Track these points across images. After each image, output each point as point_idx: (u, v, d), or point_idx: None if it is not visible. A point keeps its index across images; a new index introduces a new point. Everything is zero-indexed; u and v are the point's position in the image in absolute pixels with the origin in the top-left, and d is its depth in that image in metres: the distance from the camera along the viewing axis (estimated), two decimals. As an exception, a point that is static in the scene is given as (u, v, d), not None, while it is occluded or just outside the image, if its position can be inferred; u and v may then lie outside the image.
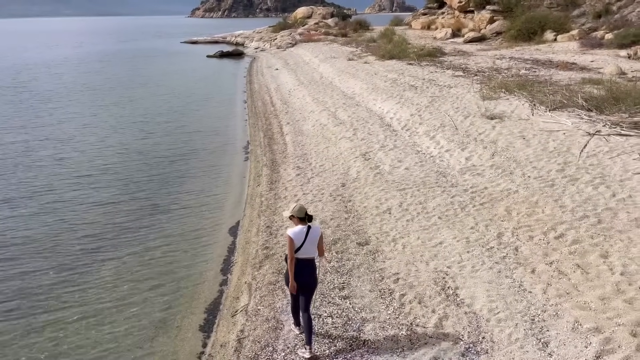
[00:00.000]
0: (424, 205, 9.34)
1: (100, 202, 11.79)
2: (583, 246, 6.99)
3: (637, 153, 9.96)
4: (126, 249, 9.46)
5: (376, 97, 18.82)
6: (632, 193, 8.39)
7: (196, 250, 9.44)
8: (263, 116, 20.11)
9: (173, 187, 12.83)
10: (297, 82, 26.17)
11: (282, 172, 12.87)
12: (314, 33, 53.50)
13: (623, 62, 20.48)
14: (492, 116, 13.91)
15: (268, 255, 8.43)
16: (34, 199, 11.97)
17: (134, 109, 22.85)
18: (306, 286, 5.67)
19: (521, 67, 21.83)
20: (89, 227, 10.46)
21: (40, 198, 12.04)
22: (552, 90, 15.62)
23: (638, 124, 11.76)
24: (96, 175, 13.70)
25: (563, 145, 11.12)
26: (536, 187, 9.24)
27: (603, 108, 13.31)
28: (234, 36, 68.68)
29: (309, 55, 36.02)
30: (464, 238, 7.84)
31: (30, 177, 13.54)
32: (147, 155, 15.52)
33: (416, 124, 14.63)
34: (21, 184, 13.02)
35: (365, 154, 12.96)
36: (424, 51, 28.52)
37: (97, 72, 37.16)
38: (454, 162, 11.38)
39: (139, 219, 10.81)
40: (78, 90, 28.20)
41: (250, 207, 11.09)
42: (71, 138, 17.53)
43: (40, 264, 8.94)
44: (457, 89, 18.29)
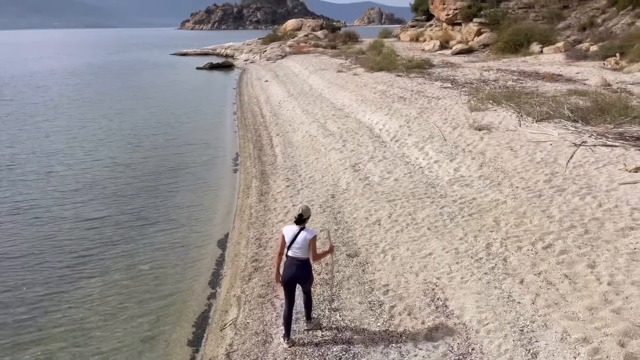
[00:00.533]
0: (413, 216, 9.36)
1: (87, 216, 11.66)
2: (571, 256, 7.04)
3: (623, 163, 10.08)
4: (113, 264, 9.35)
5: (365, 109, 18.92)
6: (618, 203, 8.47)
7: (184, 263, 9.37)
8: (253, 128, 20.12)
9: (161, 200, 12.75)
10: (287, 93, 26.25)
11: (272, 183, 12.85)
12: (304, 45, 53.81)
13: (608, 74, 20.80)
14: (480, 127, 14.03)
15: (257, 267, 8.38)
16: (19, 214, 11.81)
17: (122, 122, 22.73)
18: (291, 280, 5.98)
19: (508, 79, 22.10)
20: (75, 242, 10.34)
21: (26, 213, 11.87)
22: (539, 102, 15.81)
23: (623, 135, 11.92)
24: (83, 189, 13.55)
25: (550, 155, 11.23)
26: (524, 198, 9.31)
27: (589, 119, 13.50)
28: (223, 48, 68.79)
29: (299, 67, 36.18)
30: (453, 249, 7.86)
31: (15, 192, 13.36)
32: (135, 169, 15.42)
33: (405, 135, 14.71)
34: (6, 198, 12.85)
35: (355, 165, 12.99)
36: (412, 63, 28.82)
37: (85, 84, 36.94)
38: (442, 173, 11.44)
39: (126, 233, 10.72)
40: (65, 103, 28.00)
41: (239, 219, 11.05)
42: (58, 152, 17.34)
43: (26, 280, 8.81)
44: (446, 100, 18.45)
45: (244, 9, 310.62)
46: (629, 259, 6.72)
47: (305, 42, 56.70)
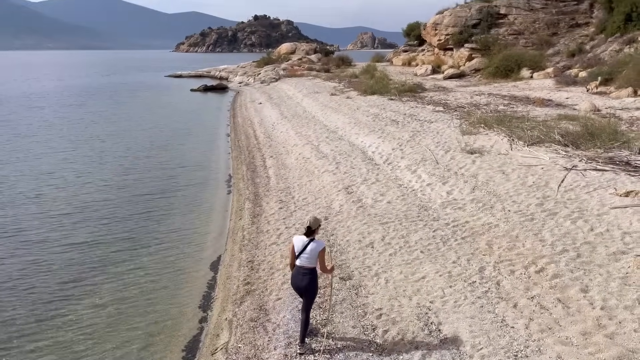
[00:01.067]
0: (407, 239, 9.35)
1: (76, 239, 11.54)
2: (563, 280, 7.04)
3: (613, 188, 10.18)
4: (103, 287, 9.24)
5: (358, 132, 19.05)
6: (609, 227, 8.53)
7: (176, 286, 9.27)
8: (246, 149, 20.16)
9: (153, 222, 12.67)
10: (281, 116, 26.40)
11: (265, 205, 12.82)
12: (298, 68, 54.36)
13: (597, 99, 21.13)
14: (472, 151, 14.15)
15: (249, 291, 8.31)
16: (6, 237, 11.64)
17: (115, 143, 22.68)
18: (297, 289, 6.27)
19: (499, 103, 22.38)
20: (64, 265, 10.22)
21: (14, 236, 11.69)
22: (530, 126, 15.98)
23: (613, 159, 12.06)
24: (74, 212, 13.38)
25: (541, 179, 11.32)
26: (516, 221, 9.34)
27: (579, 143, 13.66)
28: (218, 70, 69.32)
29: (293, 90, 36.48)
30: (447, 272, 7.84)
31: (2, 214, 13.19)
32: (127, 191, 15.33)
33: (398, 158, 14.79)
34: (-4, 219, 12.72)
35: (348, 187, 13.01)
36: (405, 87, 29.14)
37: (78, 105, 36.94)
38: (435, 196, 11.48)
39: (116, 256, 10.61)
40: (58, 124, 27.96)
41: (231, 242, 10.98)
42: (49, 173, 17.20)
43: (13, 304, 8.66)
44: (438, 124, 18.63)
45: (239, 32, 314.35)
46: (621, 284, 6.73)
47: (299, 66, 57.29)
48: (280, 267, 8.99)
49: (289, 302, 7.65)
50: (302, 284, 6.13)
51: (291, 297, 7.75)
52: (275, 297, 7.93)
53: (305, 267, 6.09)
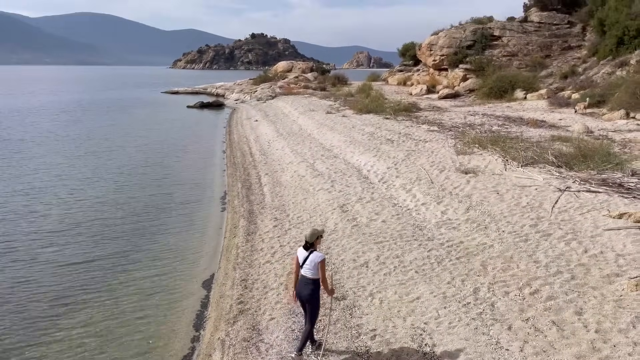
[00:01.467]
0: (401, 259, 9.33)
1: (69, 256, 11.45)
2: (558, 302, 7.03)
3: (607, 209, 10.23)
4: (95, 305, 9.14)
5: (354, 150, 19.12)
6: (603, 249, 8.54)
7: (168, 304, 9.18)
8: (242, 167, 20.16)
9: (147, 239, 12.59)
10: (277, 133, 26.48)
11: (259, 223, 12.79)
12: (294, 86, 54.69)
13: (589, 121, 21.35)
14: (466, 171, 14.22)
15: (243, 310, 8.24)
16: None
17: (110, 160, 22.60)
18: (300, 298, 6.50)
19: (493, 124, 22.56)
20: (56, 281, 10.12)
21: (4, 255, 11.54)
22: (524, 147, 16.11)
23: (606, 181, 12.14)
24: (66, 228, 13.25)
25: (535, 200, 11.37)
26: (510, 242, 9.35)
27: (572, 165, 13.77)
28: (214, 87, 69.58)
29: (289, 108, 36.66)
30: (441, 293, 7.82)
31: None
32: (121, 207, 15.24)
33: (393, 177, 14.83)
34: (-12, 235, 12.59)
35: (343, 205, 13.01)
36: (400, 106, 29.34)
37: (74, 121, 36.87)
38: (430, 216, 11.50)
39: (109, 273, 10.52)
40: (53, 140, 27.88)
41: (225, 260, 10.92)
42: (42, 189, 17.07)
43: (4, 322, 8.55)
44: (432, 143, 18.74)
45: (236, 50, 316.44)
46: (615, 306, 6.73)
47: (295, 84, 57.65)
48: (274, 285, 8.94)
49: (282, 322, 7.59)
50: (304, 293, 6.40)
51: (285, 317, 7.70)
52: (269, 316, 7.87)
53: (307, 278, 6.38)
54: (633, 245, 8.47)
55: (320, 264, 6.32)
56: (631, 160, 13.93)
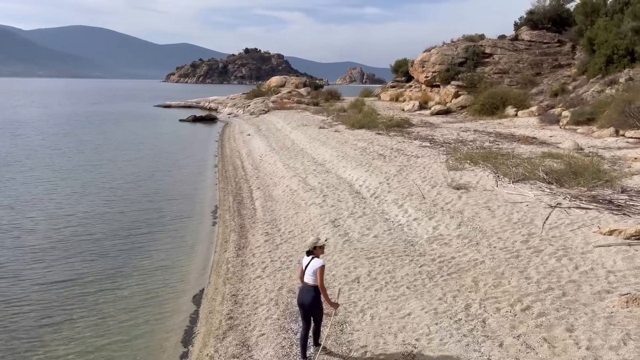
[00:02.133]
0: (393, 275, 9.29)
1: (56, 271, 11.29)
2: (549, 319, 7.01)
3: (597, 226, 10.27)
4: (82, 320, 8.99)
5: (346, 165, 19.14)
6: (593, 266, 8.56)
7: (157, 320, 9.05)
8: (233, 180, 20.11)
9: (136, 253, 12.45)
10: (269, 147, 26.49)
11: (251, 237, 12.71)
12: (287, 101, 54.89)
13: (580, 138, 21.56)
14: (458, 186, 14.26)
15: (232, 325, 8.14)
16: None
17: (100, 174, 22.41)
18: (300, 305, 6.68)
19: (485, 140, 22.72)
20: (43, 297, 9.97)
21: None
22: (515, 163, 16.21)
23: (596, 198, 12.22)
24: (54, 243, 13.05)
25: (526, 216, 11.40)
26: (502, 258, 9.35)
27: (563, 181, 13.85)
28: (207, 101, 69.66)
29: (281, 122, 36.74)
30: (432, 309, 7.77)
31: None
32: (111, 222, 15.08)
33: (385, 192, 14.84)
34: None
35: (335, 220, 12.98)
36: (392, 122, 29.50)
37: (65, 134, 36.57)
38: (421, 231, 11.48)
39: (97, 288, 10.37)
40: (43, 153, 27.69)
41: (215, 274, 10.81)
42: (31, 204, 16.77)
43: (-13, 334, 8.39)
44: (424, 159, 18.81)
45: (229, 64, 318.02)
46: (606, 323, 6.71)
47: (288, 99, 57.88)
48: (265, 301, 8.85)
49: (272, 338, 7.50)
50: (305, 299, 6.55)
51: (275, 333, 7.61)
52: (259, 332, 7.78)
53: (309, 285, 6.54)
54: (623, 262, 8.50)
55: (319, 270, 6.44)
56: (621, 177, 14.05)
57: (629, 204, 11.67)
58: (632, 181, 13.68)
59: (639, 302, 7.06)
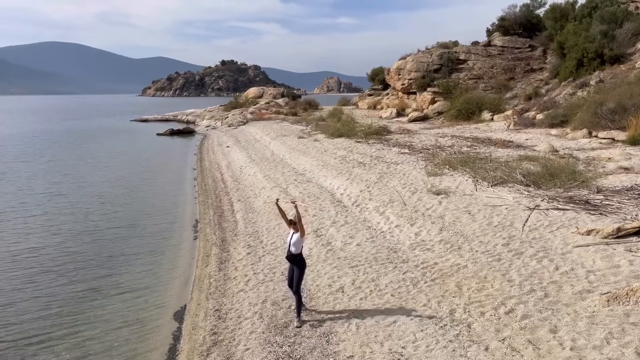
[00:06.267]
0: (377, 283, 9.27)
1: (32, 288, 11.00)
2: (533, 321, 7.05)
3: (575, 226, 10.42)
4: (60, 342, 8.75)
5: (326, 174, 19.14)
6: (573, 266, 8.66)
7: (138, 338, 8.85)
8: (213, 193, 19.92)
9: (115, 271, 12.20)
10: (249, 159, 26.36)
11: (232, 250, 12.58)
12: (265, 112, 54.82)
13: (554, 140, 21.94)
14: (438, 192, 14.35)
15: (217, 341, 8.00)
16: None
17: (76, 190, 22.01)
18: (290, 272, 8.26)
19: (463, 145, 22.96)
20: (19, 317, 9.68)
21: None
22: (493, 167, 16.40)
23: (573, 199, 12.41)
24: (28, 259, 12.82)
25: (506, 219, 11.51)
26: (484, 262, 9.41)
27: (540, 183, 14.05)
28: (185, 114, 69.12)
29: (260, 133, 36.64)
30: (417, 316, 7.76)
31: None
32: (88, 238, 14.80)
33: (366, 200, 14.85)
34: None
35: (317, 230, 12.93)
36: (371, 129, 29.63)
37: (38, 152, 35.90)
38: (404, 238, 11.51)
39: (76, 306, 10.13)
40: (15, 170, 27.14)
41: (198, 290, 10.65)
42: (3, 224, 16.39)
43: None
44: (404, 165, 18.91)
45: (206, 77, 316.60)
46: (588, 323, 6.78)
47: (266, 109, 57.81)
48: (249, 315, 8.74)
49: (257, 353, 7.39)
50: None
51: (260, 348, 7.51)
52: (244, 347, 7.66)
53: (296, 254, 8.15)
54: (602, 261, 8.62)
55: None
56: (596, 178, 14.31)
57: (605, 203, 11.88)
58: (607, 181, 13.94)
59: (620, 300, 7.16)
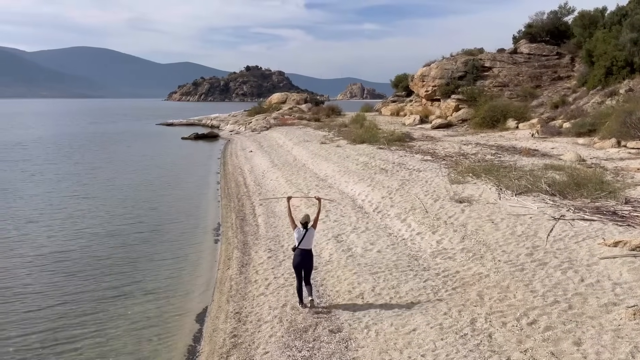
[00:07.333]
0: (397, 290, 9.22)
1: (60, 289, 11.26)
2: (556, 333, 6.93)
3: (602, 238, 10.21)
4: (84, 340, 8.92)
5: (348, 180, 19.14)
6: (599, 278, 8.49)
7: (160, 338, 8.98)
8: (236, 197, 20.11)
9: (139, 272, 12.40)
10: (271, 164, 26.53)
11: (254, 254, 12.66)
12: (288, 117, 55.16)
13: (581, 150, 21.55)
14: (460, 200, 14.22)
15: (236, 344, 8.06)
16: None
17: (102, 192, 22.43)
18: (301, 267, 8.76)
19: (487, 153, 22.72)
20: (46, 314, 9.92)
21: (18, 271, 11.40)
22: (517, 175, 16.19)
23: (600, 209, 12.16)
24: (57, 261, 13.10)
25: (530, 229, 11.34)
26: (507, 271, 9.28)
27: (566, 193, 13.80)
28: (209, 119, 70.05)
29: (283, 139, 36.86)
30: (438, 324, 7.69)
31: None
32: (113, 240, 15.04)
33: (387, 207, 14.80)
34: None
35: (338, 236, 12.93)
36: (393, 136, 29.57)
37: (66, 154, 36.72)
38: (425, 245, 11.43)
39: (99, 305, 10.33)
40: (44, 172, 27.83)
41: (219, 292, 10.75)
42: (33, 223, 16.82)
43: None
44: (426, 172, 18.80)
45: (231, 82, 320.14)
46: (614, 336, 6.63)
47: (289, 115, 58.16)
48: (268, 318, 8.79)
49: (276, 356, 7.42)
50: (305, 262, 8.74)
51: (279, 352, 7.54)
52: (263, 350, 7.70)
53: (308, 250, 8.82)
54: (629, 274, 8.42)
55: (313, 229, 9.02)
56: (624, 188, 14.00)
57: (633, 214, 11.61)
58: (636, 192, 13.63)
59: (647, 314, 6.98)
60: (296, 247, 8.79)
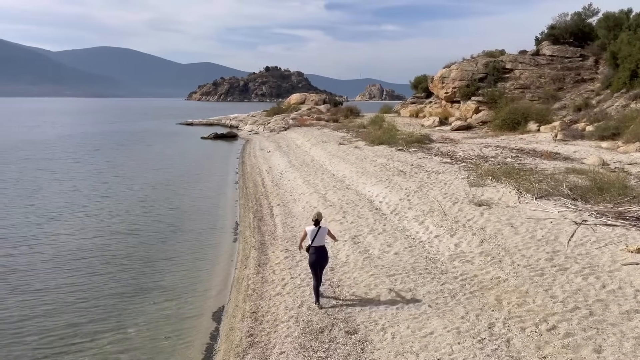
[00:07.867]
0: (414, 293, 9.17)
1: (80, 285, 11.46)
2: (576, 339, 6.82)
3: (624, 243, 10.01)
4: (103, 335, 9.07)
5: (366, 181, 19.10)
6: (621, 284, 8.33)
7: (177, 336, 9.08)
8: (254, 197, 20.21)
9: (157, 269, 12.56)
10: (289, 164, 26.61)
11: (271, 254, 12.72)
12: (307, 118, 55.24)
13: (605, 153, 21.15)
14: (479, 203, 14.08)
15: (252, 343, 8.11)
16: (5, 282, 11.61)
17: (123, 190, 22.80)
18: (317, 264, 9.06)
19: (507, 156, 22.45)
20: (64, 310, 10.10)
21: (13, 284, 11.61)
22: (538, 179, 15.96)
23: (623, 214, 11.93)
24: (76, 258, 13.32)
25: (551, 233, 11.17)
26: (526, 276, 9.16)
27: (588, 197, 13.57)
28: (228, 119, 70.56)
29: (301, 139, 36.93)
30: (455, 328, 7.63)
31: (7, 253, 13.20)
32: (132, 238, 15.26)
33: (405, 209, 14.73)
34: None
35: (355, 237, 12.91)
36: (412, 138, 29.40)
37: (88, 152, 37.37)
38: (443, 248, 11.35)
39: (118, 302, 10.49)
40: (66, 170, 28.35)
41: (236, 291, 10.83)
42: (53, 220, 17.12)
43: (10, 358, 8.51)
44: (445, 175, 18.65)
45: (250, 82, 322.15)
46: (635, 344, 6.50)
47: (308, 115, 58.25)
48: (285, 318, 8.82)
49: (292, 356, 7.45)
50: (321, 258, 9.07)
51: (295, 352, 7.56)
52: (279, 350, 7.73)
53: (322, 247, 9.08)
54: (653, 281, 8.25)
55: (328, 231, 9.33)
56: (648, 193, 13.70)
57: (658, 220, 11.36)
58: (660, 197, 13.33)
59: (671, 322, 6.82)
60: (310, 245, 9.03)
